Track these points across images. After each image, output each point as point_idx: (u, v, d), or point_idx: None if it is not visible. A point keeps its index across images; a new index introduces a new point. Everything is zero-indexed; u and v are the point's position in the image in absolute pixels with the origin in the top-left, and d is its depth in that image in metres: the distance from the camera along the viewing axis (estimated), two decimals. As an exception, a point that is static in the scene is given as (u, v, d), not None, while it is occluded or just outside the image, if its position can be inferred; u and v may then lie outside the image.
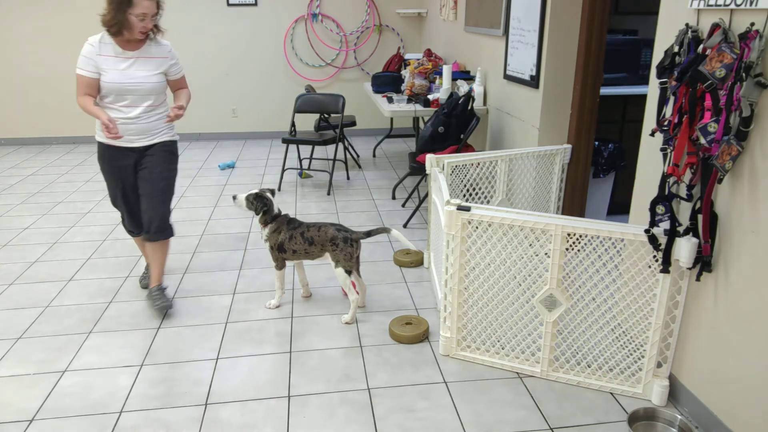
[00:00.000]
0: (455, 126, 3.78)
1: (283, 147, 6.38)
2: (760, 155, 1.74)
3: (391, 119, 6.46)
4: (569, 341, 2.37)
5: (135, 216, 2.98)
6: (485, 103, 4.23)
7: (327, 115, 5.32)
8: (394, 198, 4.67)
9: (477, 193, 3.18)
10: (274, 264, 2.88)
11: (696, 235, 1.97)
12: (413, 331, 2.64)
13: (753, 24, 1.70)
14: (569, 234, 2.17)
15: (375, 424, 2.13)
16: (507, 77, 3.73)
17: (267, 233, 2.83)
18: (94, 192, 4.90)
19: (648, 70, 3.98)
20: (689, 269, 2.03)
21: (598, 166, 3.62)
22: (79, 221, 4.20)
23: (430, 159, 3.04)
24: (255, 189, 2.89)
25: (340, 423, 2.13)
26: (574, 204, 3.40)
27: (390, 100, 4.56)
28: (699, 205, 1.92)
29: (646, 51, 4.02)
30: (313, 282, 3.22)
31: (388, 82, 5.00)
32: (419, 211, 4.29)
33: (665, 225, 2.05)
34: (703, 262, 1.95)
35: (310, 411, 2.20)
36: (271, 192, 2.91)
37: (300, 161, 5.44)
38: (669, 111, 2.07)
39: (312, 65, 6.67)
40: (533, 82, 3.32)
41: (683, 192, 2.07)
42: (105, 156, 2.83)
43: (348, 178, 5.25)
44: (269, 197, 2.85)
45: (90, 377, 2.41)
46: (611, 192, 3.79)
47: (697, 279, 2.01)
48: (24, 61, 6.29)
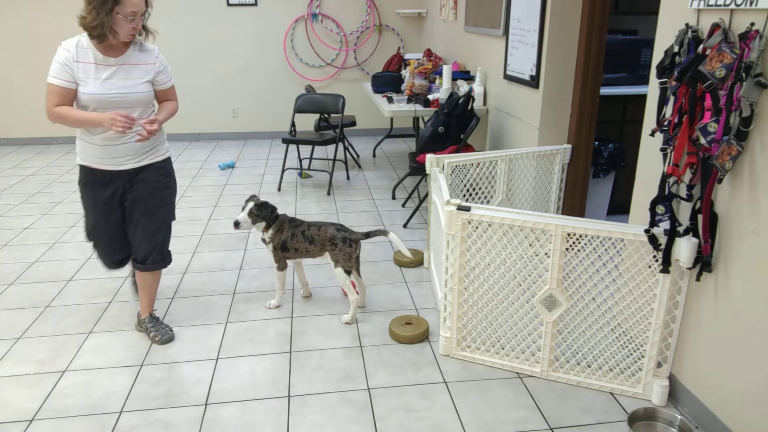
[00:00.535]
0: (455, 126, 3.78)
1: (283, 147, 6.38)
2: (760, 155, 1.74)
3: (391, 119, 6.46)
4: (569, 341, 2.37)
5: (116, 250, 2.61)
6: (485, 103, 4.23)
7: (327, 115, 5.32)
8: (394, 198, 4.67)
9: (477, 193, 3.18)
10: (275, 265, 2.87)
11: (696, 235, 1.97)
12: (413, 331, 2.64)
13: (753, 24, 1.70)
14: (569, 234, 2.17)
15: (375, 424, 2.13)
16: (507, 77, 3.73)
17: (271, 234, 2.82)
18: (94, 192, 4.90)
19: (648, 70, 3.98)
20: (689, 269, 2.03)
21: (598, 166, 3.62)
22: (79, 221, 4.19)
23: (430, 159, 3.04)
24: (249, 202, 2.77)
25: (340, 423, 2.13)
26: (574, 204, 3.40)
27: (390, 100, 4.56)
28: (699, 205, 1.92)
29: (646, 51, 4.02)
30: (313, 282, 3.22)
31: (388, 82, 5.00)
32: (419, 211, 4.29)
33: (665, 225, 2.05)
34: (703, 262, 1.95)
35: (310, 411, 2.20)
36: (254, 198, 2.83)
37: (300, 161, 5.44)
38: (669, 111, 2.07)
39: (312, 65, 6.67)
40: (533, 82, 3.32)
41: (683, 192, 2.07)
42: (89, 182, 2.47)
43: (348, 178, 5.25)
44: (269, 202, 2.83)
45: (90, 377, 2.41)
46: (611, 192, 3.79)
47: (697, 279, 2.01)
48: (24, 61, 6.29)
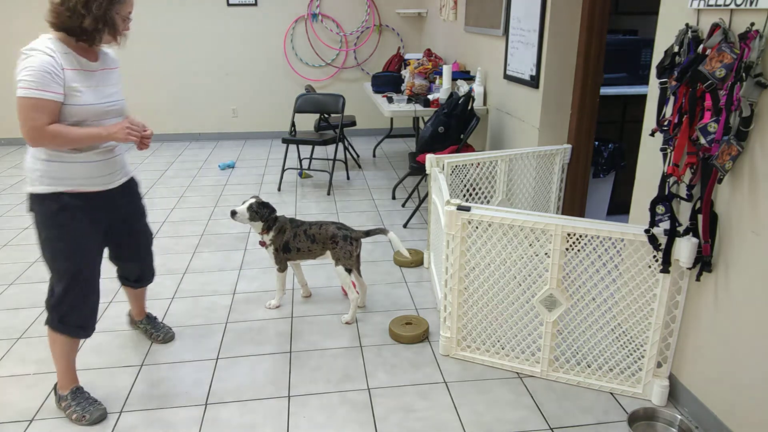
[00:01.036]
0: (455, 126, 3.78)
1: (283, 147, 6.38)
2: (760, 155, 1.74)
3: (391, 119, 6.46)
4: (569, 341, 2.37)
5: (98, 300, 2.21)
6: (485, 103, 4.23)
7: (327, 115, 5.32)
8: (394, 198, 4.67)
9: (477, 193, 3.18)
10: (276, 266, 2.87)
11: (696, 235, 1.97)
12: (413, 331, 2.64)
13: (753, 24, 1.70)
14: (569, 234, 2.17)
15: (375, 424, 2.13)
16: (507, 77, 3.73)
17: (272, 237, 2.81)
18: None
19: (648, 70, 3.98)
20: (689, 269, 2.03)
21: (598, 166, 3.62)
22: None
23: (430, 159, 3.04)
24: (251, 199, 2.77)
25: (340, 423, 2.13)
26: (574, 204, 3.40)
27: (390, 100, 4.56)
28: (699, 205, 1.92)
29: (646, 51, 4.02)
30: (313, 282, 3.22)
31: (388, 82, 5.00)
32: (419, 211, 4.29)
33: (665, 225, 2.05)
34: (703, 262, 1.95)
35: (310, 411, 2.20)
36: (257, 197, 2.82)
37: (300, 161, 5.44)
38: (669, 111, 2.07)
39: (312, 65, 6.67)
40: (533, 82, 3.32)
41: (683, 192, 2.07)
42: (76, 210, 2.03)
43: (348, 178, 5.25)
44: (270, 204, 2.82)
45: (90, 377, 2.41)
46: (611, 192, 3.79)
47: (697, 279, 2.01)
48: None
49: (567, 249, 2.19)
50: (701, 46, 1.85)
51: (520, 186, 3.26)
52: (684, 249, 1.97)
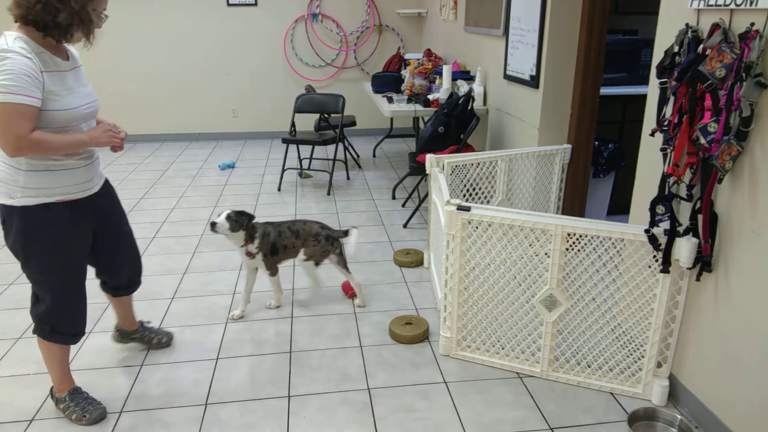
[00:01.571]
0: (455, 126, 3.78)
1: (283, 147, 6.37)
2: (760, 155, 1.74)
3: (391, 119, 6.46)
4: (569, 341, 2.37)
5: (85, 309, 2.15)
6: (485, 103, 4.23)
7: (327, 115, 5.32)
8: (394, 198, 4.67)
9: (477, 193, 3.18)
10: (267, 272, 2.87)
11: (696, 235, 1.97)
12: (413, 331, 2.64)
13: (753, 24, 1.70)
14: (569, 234, 2.17)
15: (375, 424, 2.13)
16: (507, 77, 3.73)
17: (258, 244, 2.76)
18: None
19: (648, 70, 3.97)
20: (689, 269, 2.03)
21: (598, 166, 3.62)
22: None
23: (430, 159, 3.04)
24: (225, 210, 2.69)
25: (340, 423, 2.13)
26: (574, 204, 3.40)
27: (390, 100, 4.56)
28: (699, 205, 1.92)
29: (646, 51, 4.02)
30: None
31: (388, 82, 5.00)
32: (419, 211, 4.29)
33: (665, 225, 2.05)
34: (703, 262, 1.95)
35: (310, 411, 2.20)
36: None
37: (300, 161, 5.44)
38: (669, 111, 2.07)
39: (312, 65, 6.67)
40: (533, 82, 3.32)
41: (683, 192, 2.07)
42: (65, 220, 1.95)
43: (348, 178, 5.25)
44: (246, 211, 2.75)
45: (90, 377, 2.41)
46: (611, 192, 3.79)
47: (697, 279, 2.01)
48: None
49: (567, 249, 2.19)
50: (701, 46, 1.85)
51: (520, 186, 3.26)
52: (684, 249, 1.97)
